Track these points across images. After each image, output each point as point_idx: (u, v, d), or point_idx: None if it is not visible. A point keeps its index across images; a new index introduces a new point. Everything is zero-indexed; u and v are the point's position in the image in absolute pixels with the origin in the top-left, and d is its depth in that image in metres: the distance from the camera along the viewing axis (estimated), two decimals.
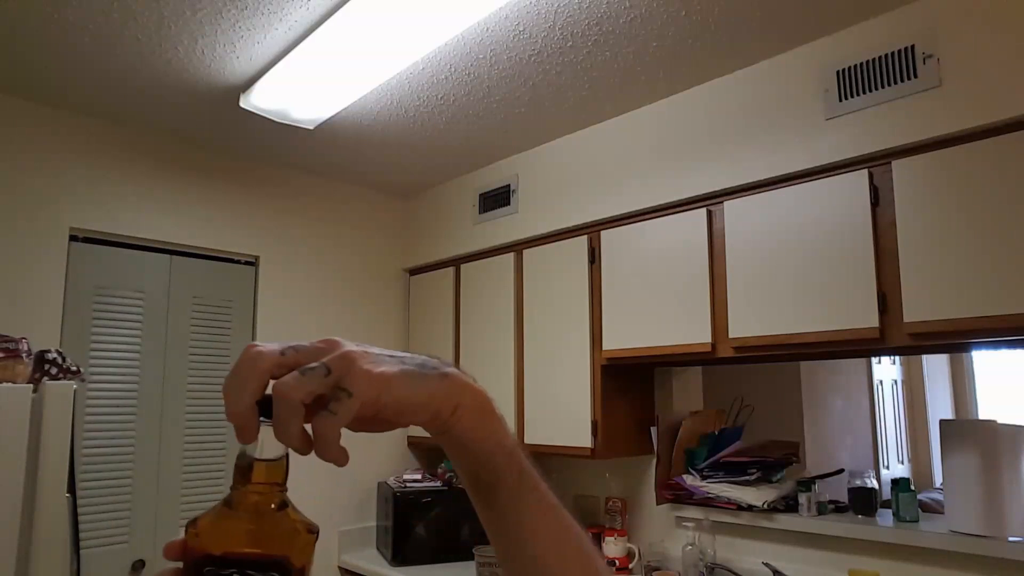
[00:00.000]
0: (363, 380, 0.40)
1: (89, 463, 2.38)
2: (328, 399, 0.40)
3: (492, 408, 0.48)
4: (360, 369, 0.40)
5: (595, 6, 1.83)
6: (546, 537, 0.48)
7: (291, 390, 0.39)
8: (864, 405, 4.43)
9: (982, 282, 1.62)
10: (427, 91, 2.31)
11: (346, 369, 0.40)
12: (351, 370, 0.40)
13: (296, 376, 0.39)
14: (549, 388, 2.61)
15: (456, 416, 0.45)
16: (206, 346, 2.74)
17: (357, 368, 0.40)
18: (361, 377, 0.40)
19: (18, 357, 1.56)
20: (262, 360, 0.41)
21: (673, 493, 2.44)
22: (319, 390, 0.39)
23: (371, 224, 3.33)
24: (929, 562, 1.93)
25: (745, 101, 2.13)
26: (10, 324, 2.14)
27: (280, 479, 0.43)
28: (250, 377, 0.40)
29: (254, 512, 0.42)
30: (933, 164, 1.73)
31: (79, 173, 2.45)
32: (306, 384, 0.39)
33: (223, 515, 0.42)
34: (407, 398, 0.42)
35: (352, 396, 0.39)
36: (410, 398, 0.42)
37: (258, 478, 0.42)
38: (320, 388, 0.39)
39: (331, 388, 0.40)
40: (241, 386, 0.40)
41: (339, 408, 0.39)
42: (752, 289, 2.05)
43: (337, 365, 0.40)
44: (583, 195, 2.57)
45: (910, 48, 1.77)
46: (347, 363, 0.40)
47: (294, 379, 0.39)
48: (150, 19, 1.88)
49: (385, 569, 2.71)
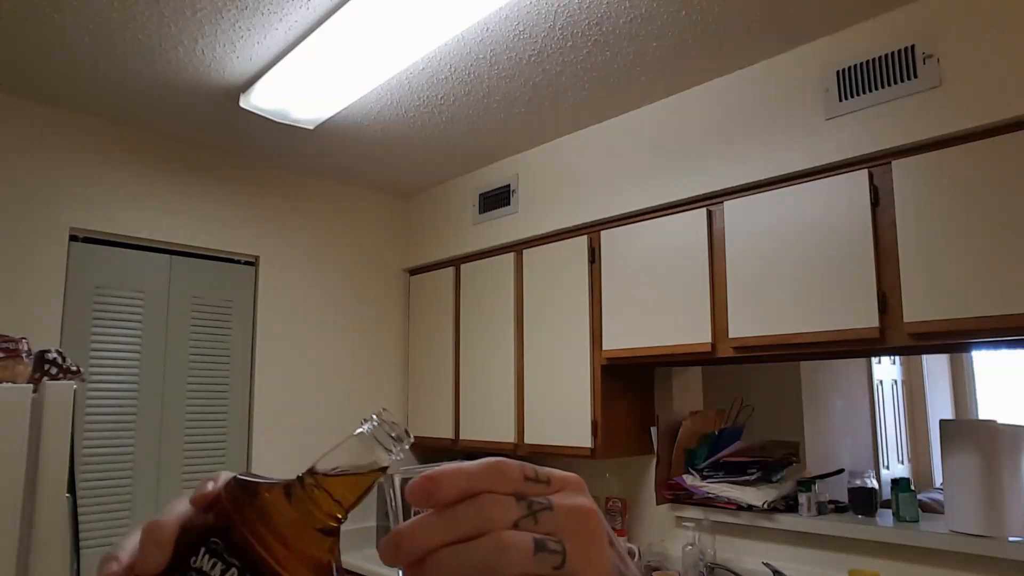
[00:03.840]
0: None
1: (89, 463, 2.38)
2: None
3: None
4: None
5: (595, 6, 1.84)
6: None
7: (514, 560, 0.30)
8: (864, 405, 4.43)
9: (982, 282, 1.62)
10: (427, 91, 2.31)
11: (581, 570, 0.32)
12: (585, 573, 0.32)
13: (529, 546, 0.31)
14: (549, 388, 2.61)
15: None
16: (206, 346, 2.74)
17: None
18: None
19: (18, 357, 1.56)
20: (510, 475, 0.33)
21: (673, 493, 2.44)
22: (533, 574, 0.31)
23: (371, 224, 3.33)
24: (929, 562, 1.93)
25: (745, 101, 2.13)
26: (10, 324, 2.14)
27: (351, 505, 0.37)
28: (487, 483, 0.32)
29: (303, 518, 0.36)
30: (933, 164, 1.73)
31: (79, 173, 2.45)
32: (529, 565, 0.31)
33: (274, 501, 0.36)
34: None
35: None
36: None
37: (336, 491, 0.36)
38: (537, 574, 0.31)
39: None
40: (469, 480, 0.32)
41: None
42: (752, 289, 2.05)
43: (577, 560, 0.32)
44: (583, 195, 2.57)
45: (910, 48, 1.78)
46: (585, 562, 0.32)
47: (525, 549, 0.31)
48: (150, 19, 1.88)
49: (385, 569, 2.70)
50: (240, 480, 0.37)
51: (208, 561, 0.35)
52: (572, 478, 0.34)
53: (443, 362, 3.12)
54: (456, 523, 0.31)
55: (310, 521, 0.36)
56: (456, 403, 3.02)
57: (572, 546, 0.32)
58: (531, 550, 0.31)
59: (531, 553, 0.31)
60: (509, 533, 0.31)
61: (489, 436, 2.82)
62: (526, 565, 0.30)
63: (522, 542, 0.31)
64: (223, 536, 0.35)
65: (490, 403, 2.85)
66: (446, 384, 3.08)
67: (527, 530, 0.31)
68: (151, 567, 0.35)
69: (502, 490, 0.32)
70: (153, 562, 0.35)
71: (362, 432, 0.37)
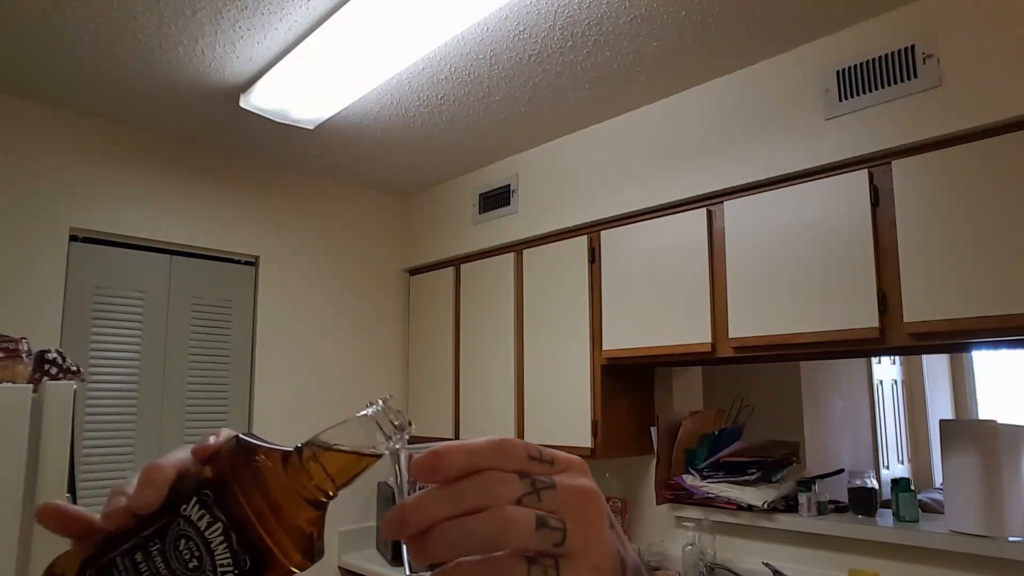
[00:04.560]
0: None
1: (89, 463, 2.38)
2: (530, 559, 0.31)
3: None
4: (588, 564, 0.32)
5: (595, 6, 1.83)
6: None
7: (514, 535, 0.31)
8: (864, 405, 4.43)
9: (982, 282, 1.62)
10: (427, 91, 2.31)
11: (581, 549, 0.32)
12: (585, 553, 0.32)
13: (530, 522, 0.31)
14: (549, 388, 2.61)
15: None
16: (206, 346, 2.74)
17: (588, 560, 0.32)
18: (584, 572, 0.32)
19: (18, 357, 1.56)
20: (514, 453, 0.33)
21: (673, 493, 2.44)
22: (534, 550, 0.31)
23: (371, 224, 3.33)
24: (929, 562, 1.93)
25: (745, 101, 2.13)
26: (10, 324, 2.14)
27: (343, 483, 0.38)
28: (492, 460, 0.33)
29: (294, 487, 0.37)
30: (933, 164, 1.73)
31: (79, 173, 2.45)
32: (531, 541, 0.31)
33: (269, 466, 0.37)
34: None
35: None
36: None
37: (331, 466, 0.37)
38: (538, 550, 0.31)
39: (545, 556, 0.32)
40: (474, 457, 0.32)
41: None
42: (752, 289, 2.05)
43: (577, 539, 0.32)
44: (583, 195, 2.57)
45: (910, 48, 1.77)
46: (585, 542, 0.32)
47: (526, 525, 0.31)
48: (150, 19, 1.87)
49: (385, 569, 2.71)
50: (241, 440, 0.38)
51: (197, 511, 0.36)
52: (576, 460, 0.35)
53: (443, 362, 3.12)
54: (461, 497, 0.31)
55: (301, 491, 0.37)
56: (456, 403, 3.02)
57: (573, 525, 0.32)
58: (533, 526, 0.31)
59: (532, 529, 0.31)
60: (512, 508, 0.31)
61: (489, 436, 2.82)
62: (527, 540, 0.31)
63: (524, 517, 0.31)
64: (216, 490, 0.36)
65: (490, 403, 2.85)
66: (446, 384, 3.08)
67: (530, 507, 0.32)
68: (143, 505, 0.36)
69: (507, 467, 0.33)
70: (146, 500, 0.36)
71: (366, 414, 0.38)
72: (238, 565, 0.36)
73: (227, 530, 0.36)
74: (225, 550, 0.36)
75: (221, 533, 0.36)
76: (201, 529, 0.36)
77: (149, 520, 0.36)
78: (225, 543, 0.36)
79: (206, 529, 0.36)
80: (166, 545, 0.36)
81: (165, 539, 0.36)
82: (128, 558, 0.36)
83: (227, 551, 0.36)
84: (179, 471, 0.38)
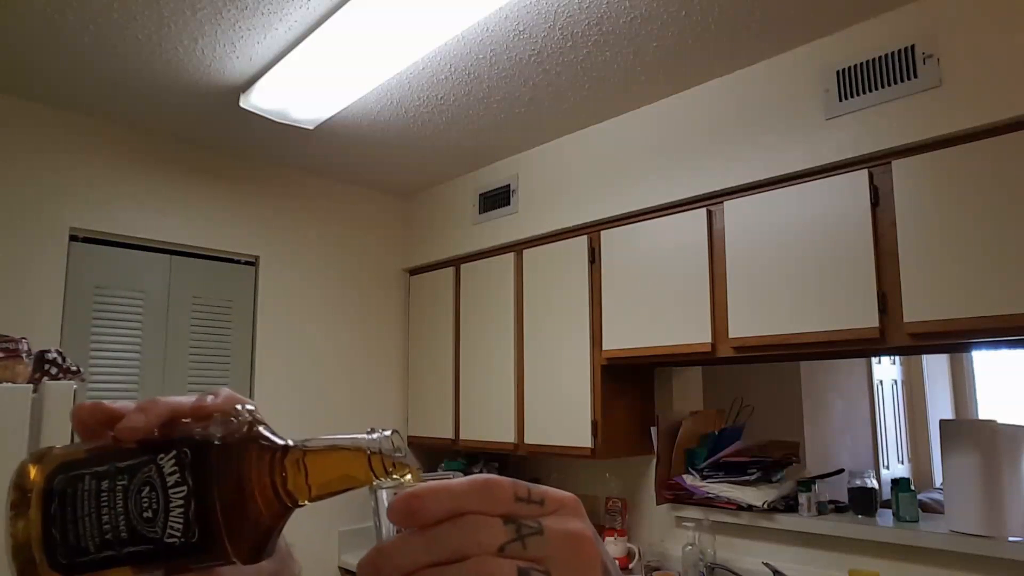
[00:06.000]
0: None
1: None
2: None
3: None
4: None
5: (595, 6, 1.83)
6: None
7: (489, 536, 0.29)
8: (864, 405, 4.43)
9: (982, 282, 1.62)
10: (427, 91, 2.31)
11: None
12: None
13: (512, 574, 0.29)
14: (549, 388, 2.61)
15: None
16: (206, 346, 2.74)
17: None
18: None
19: (18, 357, 1.56)
20: (500, 495, 0.31)
21: (673, 493, 2.44)
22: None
23: (371, 224, 3.33)
24: (929, 562, 1.93)
25: (745, 101, 2.13)
26: (10, 324, 2.14)
27: (317, 495, 0.36)
28: (474, 503, 0.30)
29: (269, 479, 0.36)
30: (933, 164, 1.73)
31: (79, 173, 2.45)
32: (509, 555, 0.29)
33: (254, 450, 0.36)
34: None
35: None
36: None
37: (312, 476, 0.36)
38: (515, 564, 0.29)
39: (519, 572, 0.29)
40: (454, 500, 0.30)
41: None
42: (752, 289, 2.05)
43: (562, 556, 0.30)
44: (583, 195, 2.57)
45: (910, 48, 1.77)
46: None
47: (506, 536, 0.29)
48: (150, 19, 1.87)
49: None
50: (238, 413, 0.37)
51: (171, 465, 0.36)
52: (569, 499, 0.33)
53: (443, 362, 3.12)
54: (438, 544, 0.29)
55: (273, 485, 0.36)
56: (456, 403, 3.02)
57: (560, 575, 0.30)
58: (512, 529, 0.29)
59: (515, 537, 0.29)
60: (492, 560, 0.29)
61: (489, 436, 2.82)
62: (507, 559, 0.29)
63: (505, 570, 0.29)
64: (195, 452, 0.36)
65: (490, 403, 2.84)
66: (446, 384, 3.08)
67: (514, 555, 0.29)
68: (128, 430, 0.36)
69: (490, 511, 0.30)
70: (132, 426, 0.36)
71: (367, 439, 0.36)
72: (185, 534, 0.35)
73: (189, 496, 0.35)
74: (180, 515, 0.35)
75: (183, 497, 0.35)
76: (167, 485, 0.35)
77: (130, 452, 0.36)
78: (183, 509, 0.35)
79: (172, 487, 0.35)
80: (131, 485, 0.36)
81: (133, 479, 0.36)
82: (95, 481, 0.36)
83: (181, 516, 0.35)
84: (173, 415, 0.37)
